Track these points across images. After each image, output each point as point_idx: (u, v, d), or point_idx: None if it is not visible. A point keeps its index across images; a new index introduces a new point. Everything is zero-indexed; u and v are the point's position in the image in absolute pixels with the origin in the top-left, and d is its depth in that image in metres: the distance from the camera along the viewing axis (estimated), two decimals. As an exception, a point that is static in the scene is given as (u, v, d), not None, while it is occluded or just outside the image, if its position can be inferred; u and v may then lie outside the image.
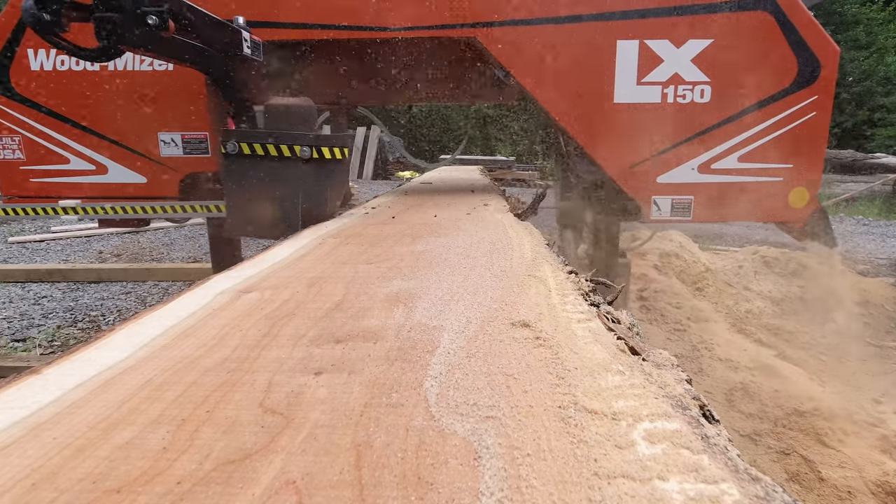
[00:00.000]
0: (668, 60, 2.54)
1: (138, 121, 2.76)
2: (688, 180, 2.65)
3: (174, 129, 2.78)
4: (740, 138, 2.60)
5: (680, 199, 2.68)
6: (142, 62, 2.72)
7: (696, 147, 2.61)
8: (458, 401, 0.63)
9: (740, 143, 2.61)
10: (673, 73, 2.55)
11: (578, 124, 2.63)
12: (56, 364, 0.78)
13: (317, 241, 1.70)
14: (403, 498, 0.47)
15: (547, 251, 1.47)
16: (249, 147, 2.09)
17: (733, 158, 2.62)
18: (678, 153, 2.63)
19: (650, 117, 2.58)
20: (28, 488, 0.50)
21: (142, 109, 2.75)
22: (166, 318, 0.97)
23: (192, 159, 2.80)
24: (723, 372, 3.37)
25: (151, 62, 2.70)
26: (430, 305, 1.00)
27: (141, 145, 2.81)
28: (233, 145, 2.09)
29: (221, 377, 0.72)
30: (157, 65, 2.72)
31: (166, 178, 2.85)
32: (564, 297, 1.02)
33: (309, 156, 2.09)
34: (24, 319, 4.20)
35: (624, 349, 0.77)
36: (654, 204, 2.69)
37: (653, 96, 2.57)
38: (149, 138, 2.80)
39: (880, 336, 4.12)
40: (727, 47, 2.52)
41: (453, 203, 2.62)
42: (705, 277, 4.88)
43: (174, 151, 2.81)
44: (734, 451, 0.53)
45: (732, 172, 2.64)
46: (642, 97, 2.57)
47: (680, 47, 2.53)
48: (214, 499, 0.48)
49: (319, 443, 0.56)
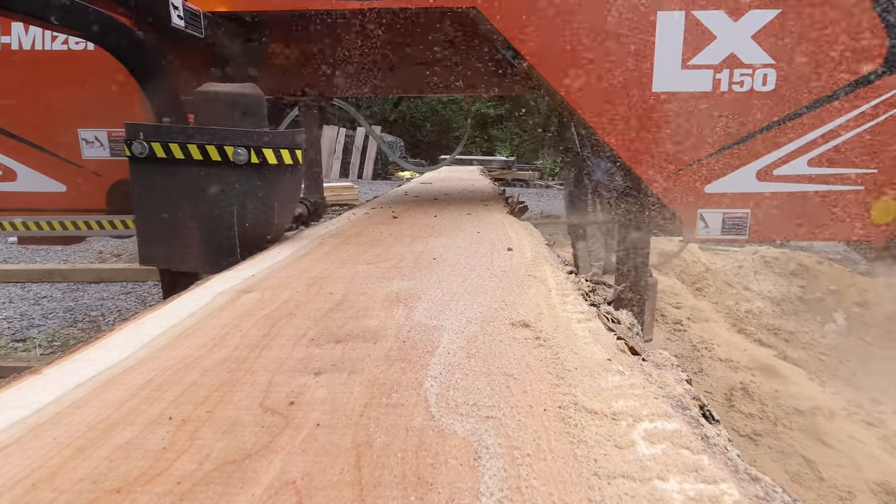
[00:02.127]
0: (721, 37, 2.02)
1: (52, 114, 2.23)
2: (743, 190, 2.13)
3: (98, 125, 2.24)
4: (811, 137, 2.08)
5: (733, 214, 2.16)
6: (53, 39, 2.16)
7: (755, 148, 2.09)
8: (458, 401, 0.63)
9: (811, 142, 2.08)
10: (728, 53, 2.02)
11: (605, 119, 2.10)
12: (56, 364, 0.78)
13: (317, 241, 1.70)
14: (403, 498, 0.47)
15: (547, 251, 1.47)
16: (164, 148, 1.57)
17: (801, 162, 2.10)
18: (732, 156, 2.11)
19: (698, 110, 2.06)
20: (28, 488, 0.50)
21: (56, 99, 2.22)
22: (166, 319, 0.97)
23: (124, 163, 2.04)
24: (723, 372, 3.37)
25: (66, 39, 2.16)
26: (430, 305, 1.00)
27: (56, 145, 2.26)
28: (141, 146, 1.57)
29: (221, 377, 0.72)
30: (73, 42, 2.15)
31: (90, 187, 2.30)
32: (564, 297, 1.02)
33: (246, 160, 1.58)
34: (24, 319, 4.20)
35: (624, 349, 0.77)
36: (701, 219, 2.17)
37: (702, 83, 2.05)
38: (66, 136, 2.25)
39: None
40: (798, 20, 1.99)
41: (453, 203, 2.62)
42: (705, 277, 4.89)
43: (99, 153, 2.26)
44: (734, 451, 0.53)
45: (800, 180, 2.11)
46: (688, 84, 2.05)
47: (738, 21, 2.01)
48: (214, 499, 0.48)
49: (319, 443, 0.56)
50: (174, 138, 1.58)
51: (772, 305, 4.53)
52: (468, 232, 1.76)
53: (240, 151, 1.58)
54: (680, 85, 2.06)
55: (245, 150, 1.59)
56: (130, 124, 1.61)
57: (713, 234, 2.19)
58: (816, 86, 2.05)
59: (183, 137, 1.59)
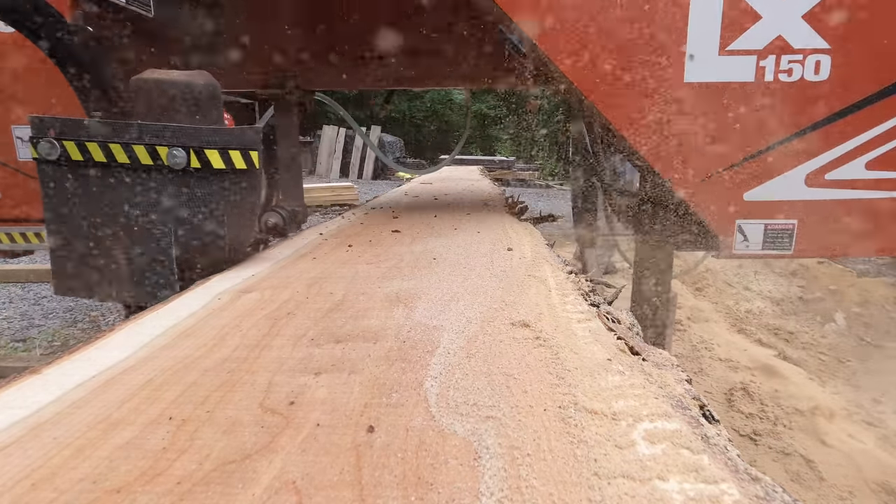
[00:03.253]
0: (767, 17, 1.69)
1: None
2: (790, 197, 1.79)
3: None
4: (871, 135, 1.75)
5: (777, 225, 1.82)
6: None
7: (804, 148, 1.76)
8: (458, 401, 0.63)
9: (870, 141, 1.75)
10: (775, 35, 1.69)
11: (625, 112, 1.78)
12: (56, 364, 0.78)
13: (317, 241, 1.70)
14: (403, 498, 0.47)
15: (547, 251, 1.47)
16: (80, 148, 1.28)
17: (859, 165, 1.78)
18: (778, 157, 1.77)
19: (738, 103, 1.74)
20: (28, 488, 0.50)
21: None
22: (166, 318, 0.97)
23: None
24: (723, 372, 3.37)
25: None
26: (430, 305, 1.00)
27: None
28: (50, 145, 1.28)
29: (221, 377, 0.72)
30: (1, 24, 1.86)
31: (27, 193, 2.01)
32: (564, 297, 1.02)
33: (184, 163, 1.30)
34: (24, 319, 4.20)
35: (624, 349, 0.77)
36: (739, 231, 1.83)
37: (743, 72, 1.72)
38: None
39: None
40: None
41: (453, 203, 2.62)
42: (705, 277, 4.89)
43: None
44: (734, 451, 0.53)
45: (857, 186, 1.79)
46: (727, 73, 1.72)
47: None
48: (214, 499, 0.48)
49: (319, 443, 0.56)
50: (93, 136, 1.28)
51: (772, 305, 4.53)
52: (468, 232, 1.76)
53: (176, 153, 1.28)
54: (717, 74, 1.73)
55: (183, 151, 1.29)
56: (36, 118, 1.30)
57: (753, 248, 1.84)
58: (879, 74, 1.72)
59: (104, 135, 1.28)
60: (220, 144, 1.35)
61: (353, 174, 14.94)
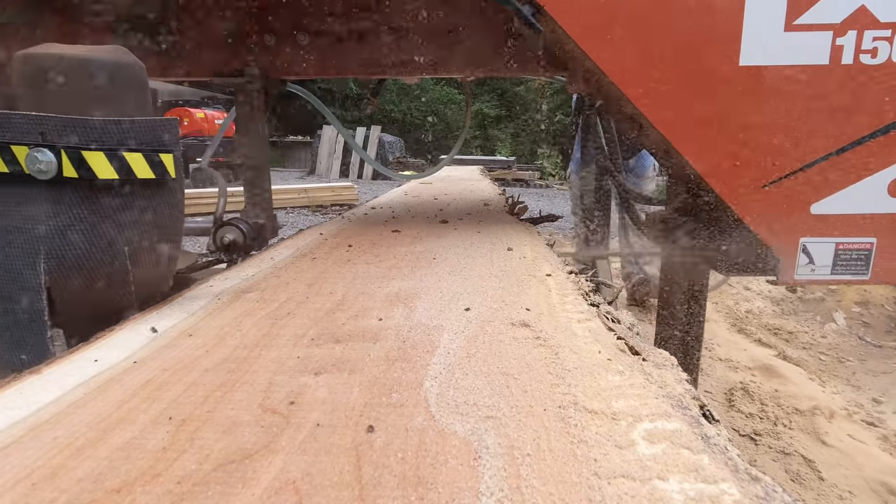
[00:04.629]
0: None
1: None
2: (869, 210, 1.45)
3: None
4: None
5: (851, 245, 1.48)
6: None
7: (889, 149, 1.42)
8: (458, 401, 0.64)
9: None
10: (856, 7, 1.33)
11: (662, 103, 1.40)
12: (56, 364, 0.78)
13: (317, 240, 1.70)
14: (403, 498, 0.47)
15: (547, 251, 1.47)
16: None
17: None
18: (854, 160, 1.42)
19: (808, 92, 1.37)
20: (29, 488, 0.50)
21: None
22: (166, 318, 0.97)
23: None
24: (723, 372, 3.37)
25: None
26: (430, 305, 1.00)
27: None
28: None
29: (221, 377, 0.72)
30: None
31: None
32: (564, 297, 1.02)
33: (55, 171, 0.90)
34: (25, 319, 4.20)
35: (624, 349, 0.77)
36: (804, 251, 1.49)
37: (815, 52, 1.36)
38: None
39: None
40: None
41: (453, 203, 2.62)
42: (705, 277, 4.87)
43: None
44: (734, 451, 0.53)
45: None
46: (795, 54, 1.36)
47: None
48: (214, 499, 0.48)
49: (319, 443, 0.56)
50: None
51: (772, 305, 4.53)
52: (468, 232, 1.76)
53: (39, 157, 0.89)
54: (782, 55, 1.36)
55: (51, 153, 0.89)
56: None
57: (820, 273, 1.50)
58: None
59: None
60: (110, 144, 0.94)
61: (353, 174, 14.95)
